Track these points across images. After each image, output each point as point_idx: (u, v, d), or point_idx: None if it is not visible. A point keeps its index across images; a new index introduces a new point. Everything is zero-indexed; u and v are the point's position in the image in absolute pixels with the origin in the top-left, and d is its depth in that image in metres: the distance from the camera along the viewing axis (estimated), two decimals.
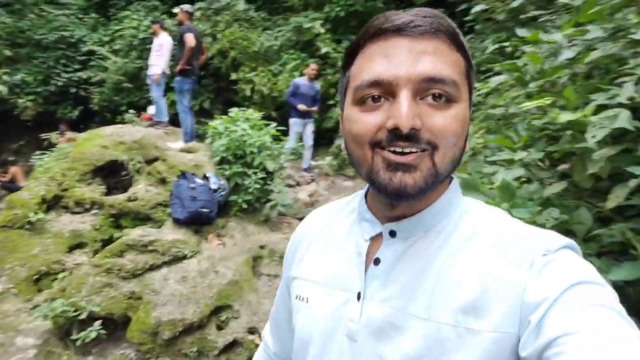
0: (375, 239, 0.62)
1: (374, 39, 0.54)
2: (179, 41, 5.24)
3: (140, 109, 7.06)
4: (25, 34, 8.79)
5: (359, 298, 0.59)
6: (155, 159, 4.64)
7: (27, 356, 2.54)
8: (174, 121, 6.03)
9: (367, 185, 0.64)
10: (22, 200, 3.62)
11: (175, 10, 5.51)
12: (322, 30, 7.50)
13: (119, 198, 3.98)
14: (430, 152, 0.51)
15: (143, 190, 4.10)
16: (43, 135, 5.80)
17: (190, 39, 5.12)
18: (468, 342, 0.50)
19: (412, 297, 0.55)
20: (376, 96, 0.52)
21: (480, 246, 0.55)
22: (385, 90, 0.52)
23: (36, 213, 3.52)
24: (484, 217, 0.59)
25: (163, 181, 4.26)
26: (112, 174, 4.39)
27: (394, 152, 0.51)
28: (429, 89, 0.51)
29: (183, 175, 4.19)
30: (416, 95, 0.51)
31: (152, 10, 9.21)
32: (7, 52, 8.32)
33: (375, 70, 0.52)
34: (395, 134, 0.50)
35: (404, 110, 0.49)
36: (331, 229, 0.70)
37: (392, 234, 0.59)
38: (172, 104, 6.31)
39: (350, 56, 0.57)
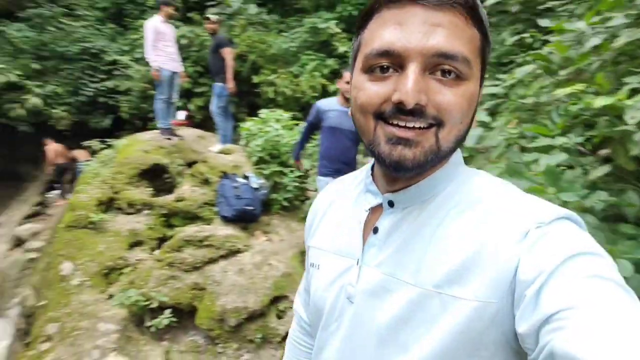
0: (377, 209, 0.64)
1: (390, 4, 0.52)
2: (214, 51, 5.25)
3: None
4: (49, 47, 8.98)
5: (358, 264, 0.62)
6: (194, 162, 4.92)
7: (111, 339, 2.83)
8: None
9: None
10: (81, 203, 3.92)
11: (212, 17, 5.37)
12: (338, 30, 7.57)
13: (168, 199, 4.27)
14: (435, 128, 0.51)
15: (189, 191, 4.38)
16: (85, 143, 6.15)
17: (230, 54, 5.18)
18: (450, 308, 0.51)
19: (402, 264, 0.57)
20: (385, 66, 0.52)
21: (474, 215, 0.54)
22: (394, 61, 0.51)
23: (97, 214, 3.81)
24: (482, 186, 0.58)
25: (206, 182, 4.54)
26: (156, 177, 4.68)
27: (397, 126, 0.51)
28: (439, 64, 0.50)
29: (225, 175, 4.46)
30: (425, 69, 0.50)
31: None
32: (36, 66, 8.64)
33: (386, 38, 0.51)
34: (400, 109, 0.50)
35: (409, 85, 0.48)
36: (341, 199, 0.72)
37: (391, 204, 0.61)
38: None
39: (365, 19, 0.56)
